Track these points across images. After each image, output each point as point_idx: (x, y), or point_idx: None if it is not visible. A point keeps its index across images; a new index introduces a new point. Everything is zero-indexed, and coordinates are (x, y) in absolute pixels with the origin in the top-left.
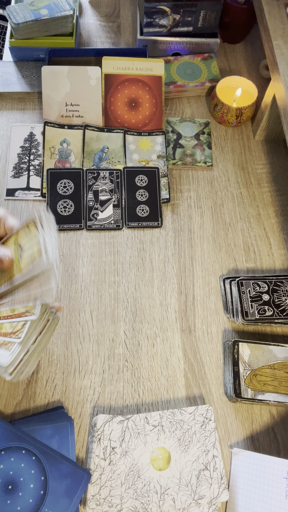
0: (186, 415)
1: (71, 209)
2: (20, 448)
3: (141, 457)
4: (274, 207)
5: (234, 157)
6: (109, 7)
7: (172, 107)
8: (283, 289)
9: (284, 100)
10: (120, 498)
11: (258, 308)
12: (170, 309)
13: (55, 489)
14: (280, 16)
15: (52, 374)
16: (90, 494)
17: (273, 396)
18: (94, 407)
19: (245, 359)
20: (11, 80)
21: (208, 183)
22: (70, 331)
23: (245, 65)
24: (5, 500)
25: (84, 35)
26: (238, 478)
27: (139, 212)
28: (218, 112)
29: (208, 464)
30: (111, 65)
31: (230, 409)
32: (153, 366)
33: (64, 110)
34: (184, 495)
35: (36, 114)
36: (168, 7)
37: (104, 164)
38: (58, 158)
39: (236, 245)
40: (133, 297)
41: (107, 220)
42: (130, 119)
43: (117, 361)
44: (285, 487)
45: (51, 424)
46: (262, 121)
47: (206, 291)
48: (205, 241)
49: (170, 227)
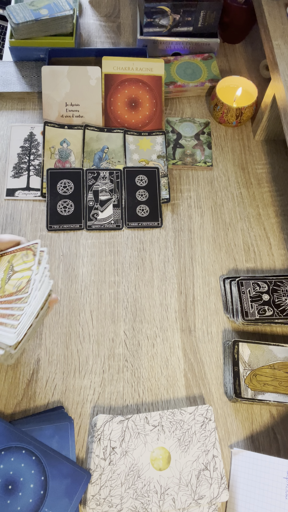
0: (186, 415)
1: (71, 209)
2: (20, 448)
3: (141, 457)
4: (274, 207)
5: (234, 157)
6: (109, 7)
7: (172, 107)
8: (283, 289)
9: (284, 100)
10: (120, 498)
11: (258, 308)
12: (170, 309)
13: (55, 489)
14: (280, 16)
15: (52, 374)
16: (90, 494)
17: (273, 396)
18: (94, 407)
19: (245, 359)
20: (11, 80)
21: (208, 183)
22: (70, 331)
23: (245, 65)
24: (5, 500)
25: (84, 35)
26: (238, 478)
27: (139, 212)
28: (218, 112)
29: (208, 464)
30: (111, 65)
31: (230, 409)
32: (153, 366)
33: (64, 110)
34: (184, 495)
35: (36, 114)
36: (168, 7)
37: (104, 164)
38: (58, 158)
39: (236, 245)
40: (133, 297)
41: (107, 220)
42: (130, 119)
43: (117, 361)
44: (285, 487)
45: (51, 424)
46: (262, 121)
47: (206, 291)
48: (205, 241)
49: (170, 227)
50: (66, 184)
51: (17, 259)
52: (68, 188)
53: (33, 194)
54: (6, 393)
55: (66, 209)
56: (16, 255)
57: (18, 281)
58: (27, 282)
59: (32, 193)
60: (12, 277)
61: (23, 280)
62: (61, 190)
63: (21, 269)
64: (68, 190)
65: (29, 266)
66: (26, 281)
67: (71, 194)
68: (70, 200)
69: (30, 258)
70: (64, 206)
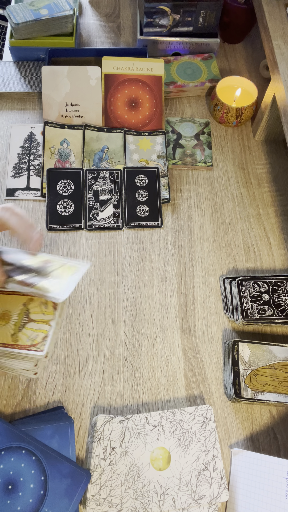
0: (186, 415)
1: (71, 209)
2: (20, 448)
3: (141, 457)
4: (274, 207)
5: (234, 157)
6: (109, 7)
7: (172, 107)
8: (283, 289)
9: (284, 100)
10: (120, 498)
11: (258, 308)
12: (170, 309)
13: (55, 489)
14: (280, 16)
15: (52, 374)
16: (90, 494)
17: (273, 396)
18: (94, 407)
19: (245, 359)
20: (11, 80)
21: (208, 183)
22: (70, 331)
23: (245, 65)
24: (5, 500)
25: (84, 35)
26: (238, 478)
27: (139, 212)
28: (218, 112)
29: (208, 464)
30: (111, 65)
31: (230, 409)
32: (153, 366)
33: (64, 110)
34: (184, 495)
35: (36, 114)
36: (168, 7)
37: (104, 164)
38: (58, 158)
39: (236, 245)
40: (133, 297)
41: (107, 220)
42: (130, 119)
43: (117, 361)
44: (285, 487)
45: (51, 424)
46: (262, 121)
47: (206, 291)
48: (205, 241)
49: (170, 227)
50: (66, 184)
51: (35, 305)
52: (68, 188)
53: (33, 194)
54: (6, 393)
55: (66, 209)
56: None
57: (34, 333)
58: (43, 338)
59: (32, 193)
60: (28, 325)
61: (40, 334)
62: (61, 190)
63: (39, 320)
64: (68, 190)
65: (47, 319)
66: (42, 336)
67: (71, 194)
68: (70, 200)
69: (49, 309)
70: (64, 206)
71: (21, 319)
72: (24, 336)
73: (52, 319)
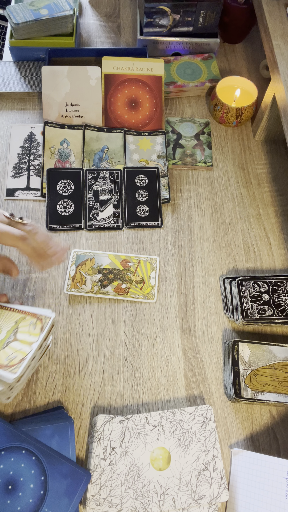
0: (186, 415)
1: (71, 209)
2: (20, 448)
3: (141, 457)
4: (274, 207)
5: (234, 157)
6: (109, 7)
7: (172, 107)
8: (283, 289)
9: (284, 100)
10: (120, 498)
11: (258, 308)
12: (170, 309)
13: (55, 489)
14: (280, 16)
15: (52, 374)
16: (90, 494)
17: (273, 396)
18: (94, 407)
19: (245, 359)
20: (11, 80)
21: (208, 183)
22: (70, 331)
23: (245, 65)
24: (5, 500)
25: (84, 35)
26: (238, 478)
27: (139, 212)
28: (218, 112)
29: (208, 464)
30: (111, 65)
31: (230, 409)
32: (153, 366)
33: (64, 110)
34: (184, 495)
35: (36, 114)
36: (168, 7)
37: (104, 164)
38: (58, 158)
39: (236, 245)
40: None
41: (107, 220)
42: (130, 119)
43: (117, 361)
44: (285, 487)
45: (51, 424)
46: (262, 121)
47: (206, 291)
48: (205, 241)
49: (170, 227)
50: (66, 184)
51: (25, 324)
52: (68, 188)
53: (33, 194)
54: None
55: (66, 209)
56: (26, 319)
57: (13, 353)
58: (20, 360)
59: (32, 193)
60: (11, 344)
61: (18, 355)
62: (61, 190)
63: (23, 340)
64: (68, 190)
65: (31, 341)
66: (20, 357)
67: (71, 194)
68: (70, 200)
69: (36, 331)
70: (64, 206)
71: (7, 336)
72: (3, 354)
73: (35, 341)
